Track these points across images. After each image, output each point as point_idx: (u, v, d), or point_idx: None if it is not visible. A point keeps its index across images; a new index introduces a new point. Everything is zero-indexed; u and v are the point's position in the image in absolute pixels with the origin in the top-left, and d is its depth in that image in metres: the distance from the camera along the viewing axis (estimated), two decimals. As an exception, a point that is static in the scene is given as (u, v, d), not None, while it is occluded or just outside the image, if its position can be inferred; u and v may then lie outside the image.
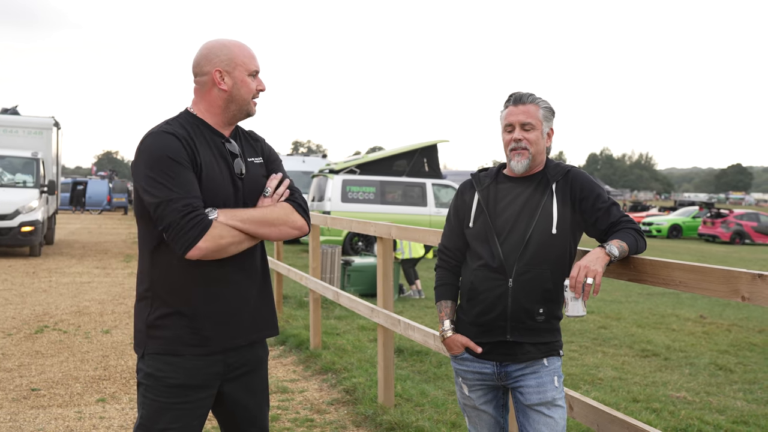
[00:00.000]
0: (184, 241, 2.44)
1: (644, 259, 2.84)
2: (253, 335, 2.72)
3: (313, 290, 7.36)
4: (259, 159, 2.77)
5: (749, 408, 5.79)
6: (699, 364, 7.34)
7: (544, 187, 2.92)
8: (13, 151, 17.28)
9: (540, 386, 2.87)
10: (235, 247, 2.56)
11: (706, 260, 21.40)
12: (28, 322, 8.52)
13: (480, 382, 2.98)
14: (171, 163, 2.47)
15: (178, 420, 2.56)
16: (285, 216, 2.67)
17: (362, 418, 5.21)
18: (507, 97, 2.99)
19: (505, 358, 2.90)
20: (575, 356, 7.47)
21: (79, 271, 13.86)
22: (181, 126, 2.60)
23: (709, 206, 38.17)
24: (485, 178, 3.02)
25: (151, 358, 2.58)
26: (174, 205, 2.43)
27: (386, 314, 5.32)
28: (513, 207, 2.91)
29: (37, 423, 5.01)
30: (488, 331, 2.90)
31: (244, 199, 2.65)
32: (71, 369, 6.48)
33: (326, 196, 18.34)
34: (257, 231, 2.60)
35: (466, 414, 3.10)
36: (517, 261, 2.84)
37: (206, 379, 2.61)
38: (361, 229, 5.93)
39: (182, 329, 2.56)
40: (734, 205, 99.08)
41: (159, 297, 2.58)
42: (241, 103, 2.66)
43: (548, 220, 2.86)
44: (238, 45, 2.67)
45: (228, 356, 2.64)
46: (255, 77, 2.68)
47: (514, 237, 2.86)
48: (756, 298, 2.35)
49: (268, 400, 2.88)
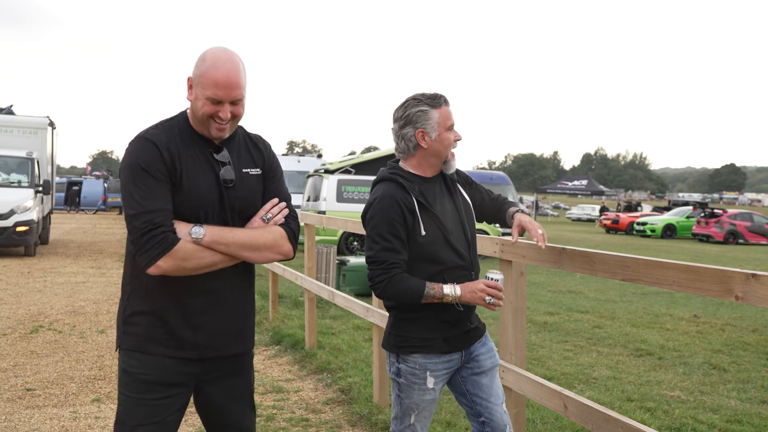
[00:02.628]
0: (144, 258, 2.40)
1: (639, 259, 2.85)
2: (232, 348, 2.65)
3: (308, 290, 7.36)
4: (257, 170, 2.67)
5: (743, 407, 5.82)
6: (693, 363, 7.37)
7: (450, 183, 3.12)
8: (7, 151, 17.25)
9: (490, 350, 3.17)
10: (207, 269, 2.49)
11: (699, 260, 21.46)
12: (23, 322, 8.51)
13: (446, 372, 3.06)
14: (142, 174, 2.42)
15: (153, 415, 2.53)
16: (273, 241, 2.60)
17: (357, 417, 5.22)
18: (433, 96, 2.99)
19: (467, 344, 3.08)
20: (569, 355, 7.49)
21: (74, 270, 13.83)
22: (168, 130, 2.54)
23: (703, 206, 38.27)
24: (411, 183, 2.99)
25: (125, 353, 2.57)
26: (135, 222, 2.40)
27: (381, 314, 5.33)
28: (444, 206, 3.04)
29: (32, 423, 5.00)
30: (455, 324, 3.03)
31: (231, 209, 2.57)
32: (66, 369, 6.47)
33: (321, 195, 18.34)
34: (240, 254, 2.53)
35: (415, 411, 3.04)
36: (470, 253, 3.07)
37: (180, 378, 2.57)
38: (357, 229, 5.93)
39: (153, 329, 2.53)
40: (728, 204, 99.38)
41: (135, 294, 2.57)
42: (200, 120, 2.53)
43: (470, 210, 3.18)
44: (212, 64, 2.47)
45: (204, 360, 2.60)
46: (217, 104, 2.49)
47: (459, 233, 3.04)
48: (750, 298, 2.37)
49: (253, 404, 2.82)
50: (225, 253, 2.50)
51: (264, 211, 2.64)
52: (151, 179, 2.43)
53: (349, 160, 19.90)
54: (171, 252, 2.39)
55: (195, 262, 2.45)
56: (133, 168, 2.44)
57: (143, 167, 2.43)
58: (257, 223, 2.62)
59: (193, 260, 2.44)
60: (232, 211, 2.58)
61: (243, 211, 2.62)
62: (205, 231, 2.47)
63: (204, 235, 2.46)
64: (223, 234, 2.50)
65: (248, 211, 2.63)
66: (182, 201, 2.48)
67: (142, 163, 2.43)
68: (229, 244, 2.50)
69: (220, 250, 2.49)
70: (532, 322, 9.31)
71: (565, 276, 15.29)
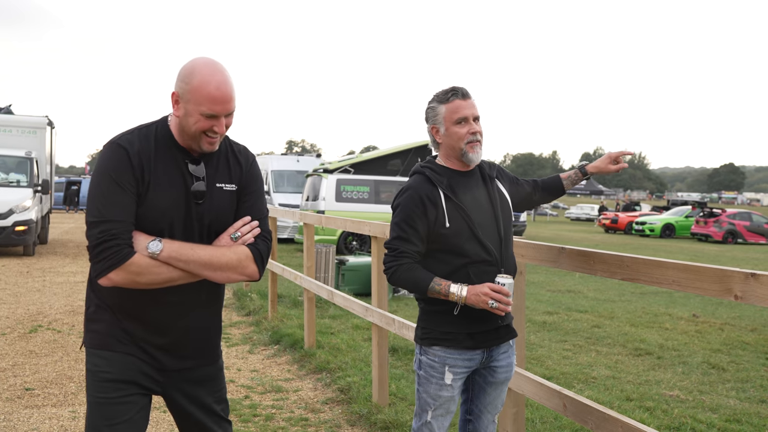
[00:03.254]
0: (96, 268, 2.36)
1: (638, 259, 2.85)
2: (189, 363, 2.60)
3: (307, 289, 7.36)
4: (232, 186, 2.58)
5: (742, 406, 5.82)
6: (692, 362, 7.37)
7: (487, 177, 3.10)
8: (6, 151, 17.24)
9: (509, 366, 3.11)
10: (163, 284, 2.43)
11: (698, 259, 21.46)
12: (22, 322, 8.50)
13: (466, 370, 3.00)
14: (108, 182, 2.37)
15: (121, 414, 2.47)
16: (237, 262, 2.49)
17: (357, 417, 5.22)
18: (445, 91, 3.02)
19: (494, 342, 3.01)
20: (569, 355, 7.50)
21: (73, 270, 13.83)
22: (144, 137, 2.47)
23: (702, 205, 38.28)
24: (439, 176, 3.00)
25: (89, 352, 2.54)
26: (92, 230, 2.35)
27: (381, 313, 5.33)
28: (476, 199, 3.01)
29: (31, 423, 5.00)
30: (483, 320, 2.96)
31: (199, 224, 2.50)
32: (65, 368, 6.47)
33: (320, 195, 18.35)
34: (200, 272, 2.45)
35: (432, 408, 3.00)
36: (501, 249, 3.00)
37: (140, 377, 2.52)
38: (356, 228, 5.94)
39: (114, 326, 2.50)
40: (727, 204, 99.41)
41: (97, 293, 2.53)
42: (191, 135, 2.45)
43: (507, 206, 3.12)
44: (203, 80, 2.38)
45: (165, 370, 2.56)
46: (211, 118, 2.42)
47: (490, 228, 2.99)
48: (749, 297, 2.37)
49: (226, 414, 2.74)
50: (184, 270, 2.43)
51: (234, 229, 2.54)
52: (117, 188, 2.37)
53: (348, 159, 19.91)
54: (123, 266, 2.34)
55: (149, 278, 2.39)
56: (100, 174, 2.40)
57: (110, 174, 2.38)
58: (224, 240, 2.52)
59: (148, 275, 2.38)
60: (201, 227, 2.51)
61: (213, 226, 2.54)
62: (163, 246, 2.39)
63: (162, 250, 2.39)
64: (183, 251, 2.42)
65: (219, 227, 2.55)
66: (145, 213, 2.42)
67: (110, 170, 2.39)
68: (188, 261, 2.42)
69: (178, 266, 2.41)
70: (531, 322, 9.32)
71: (564, 275, 15.30)
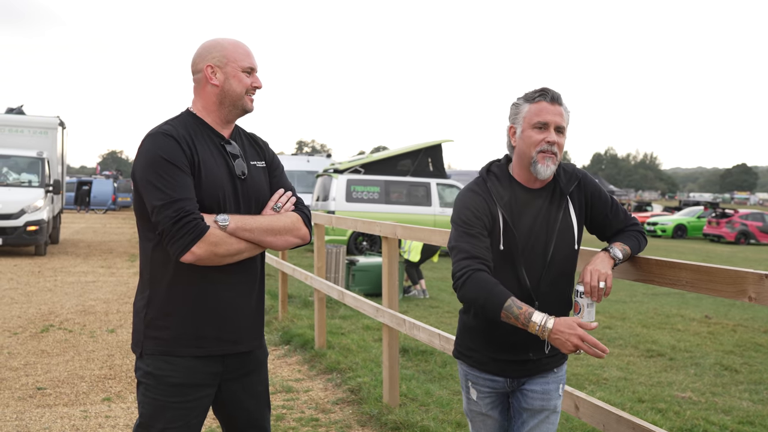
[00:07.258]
0: (177, 246, 2.42)
1: (651, 259, 2.83)
2: (254, 342, 2.73)
3: (317, 290, 7.36)
4: (262, 163, 2.76)
5: (755, 408, 5.78)
6: (704, 364, 7.33)
7: (559, 198, 2.72)
8: (18, 151, 17.35)
9: (545, 393, 2.77)
10: (234, 257, 2.54)
11: (711, 260, 21.35)
12: (34, 321, 8.55)
13: (490, 390, 2.82)
14: (166, 166, 2.46)
15: (178, 419, 2.56)
16: (292, 225, 2.68)
17: (367, 417, 5.21)
18: (535, 90, 2.68)
19: (519, 374, 2.77)
20: (580, 356, 7.47)
21: (84, 270, 13.89)
22: (180, 126, 2.59)
23: (714, 206, 38.12)
24: (502, 190, 2.70)
25: (150, 357, 2.57)
26: (166, 211, 2.41)
27: (391, 314, 5.32)
28: (532, 222, 2.67)
29: (43, 422, 5.02)
30: (510, 350, 2.72)
31: (244, 200, 2.64)
32: (77, 368, 6.50)
33: (331, 195, 18.35)
34: (263, 239, 2.59)
35: (470, 419, 2.92)
36: (542, 280, 2.67)
37: (205, 378, 2.60)
38: (366, 228, 5.94)
39: (179, 329, 2.55)
40: (739, 205, 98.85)
41: (157, 296, 2.57)
42: (234, 98, 2.63)
43: (569, 235, 2.71)
44: (233, 42, 2.66)
45: (227, 357, 2.65)
46: (250, 74, 2.66)
47: (536, 256, 2.66)
48: (763, 299, 2.35)
49: (269, 402, 2.87)
50: (249, 239, 2.55)
51: (273, 202, 2.71)
52: (176, 170, 2.46)
53: (358, 159, 19.91)
54: (204, 237, 2.43)
55: (225, 248, 2.49)
56: (155, 161, 2.47)
57: (167, 158, 2.46)
58: (268, 212, 2.68)
59: (224, 246, 2.48)
60: (246, 201, 2.64)
61: (257, 200, 2.68)
62: (229, 218, 2.52)
63: (229, 222, 2.51)
64: (246, 220, 2.55)
65: (261, 201, 2.70)
66: (200, 193, 2.52)
67: (164, 155, 2.47)
68: (252, 230, 2.55)
69: (244, 237, 2.54)
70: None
71: (574, 276, 15.23)
